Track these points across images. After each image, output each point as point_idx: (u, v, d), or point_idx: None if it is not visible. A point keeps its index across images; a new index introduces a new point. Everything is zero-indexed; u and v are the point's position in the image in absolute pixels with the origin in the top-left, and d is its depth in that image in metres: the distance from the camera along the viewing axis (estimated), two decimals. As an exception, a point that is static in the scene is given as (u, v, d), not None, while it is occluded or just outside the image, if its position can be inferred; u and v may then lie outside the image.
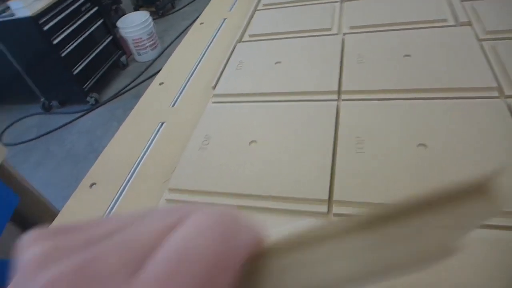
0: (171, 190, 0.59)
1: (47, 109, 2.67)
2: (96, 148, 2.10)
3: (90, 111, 2.56)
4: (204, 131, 0.67)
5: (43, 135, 2.40)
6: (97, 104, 2.60)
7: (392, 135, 0.57)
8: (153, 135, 0.76)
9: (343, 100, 0.66)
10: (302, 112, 0.65)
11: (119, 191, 0.66)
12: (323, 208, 0.51)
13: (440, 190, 0.14)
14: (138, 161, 0.71)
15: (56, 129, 2.41)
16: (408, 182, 0.50)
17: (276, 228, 0.18)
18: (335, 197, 0.51)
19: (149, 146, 0.74)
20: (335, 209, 0.50)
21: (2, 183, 0.95)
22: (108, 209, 0.63)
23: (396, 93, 0.64)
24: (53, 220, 0.63)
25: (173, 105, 0.83)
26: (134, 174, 0.69)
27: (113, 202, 0.65)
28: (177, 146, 0.70)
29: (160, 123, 0.78)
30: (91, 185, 0.69)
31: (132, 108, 0.85)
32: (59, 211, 0.65)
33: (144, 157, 0.72)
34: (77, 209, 0.65)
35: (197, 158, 0.62)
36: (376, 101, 0.63)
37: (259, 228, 0.15)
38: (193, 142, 0.65)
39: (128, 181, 0.68)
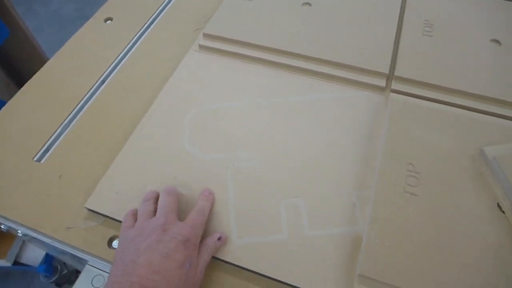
0: (206, 35, 0.52)
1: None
2: (87, 14, 1.89)
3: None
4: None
5: (25, -10, 2.13)
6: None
7: (463, 25, 0.51)
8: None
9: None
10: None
11: (140, 31, 0.58)
12: (382, 82, 0.46)
13: None
14: (165, 2, 0.62)
15: (40, -13, 2.13)
16: (473, 73, 0.45)
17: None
18: (397, 72, 0.46)
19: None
20: (394, 85, 0.46)
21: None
22: (125, 50, 0.55)
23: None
24: (42, 65, 0.53)
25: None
26: (160, 16, 0.60)
27: (131, 43, 0.56)
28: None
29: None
30: (106, 20, 0.60)
31: None
32: (48, 59, 0.55)
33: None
34: (87, 43, 0.56)
35: (239, 7, 0.54)
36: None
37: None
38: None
39: (152, 22, 0.59)
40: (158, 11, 0.61)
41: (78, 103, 0.49)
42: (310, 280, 0.33)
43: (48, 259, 1.02)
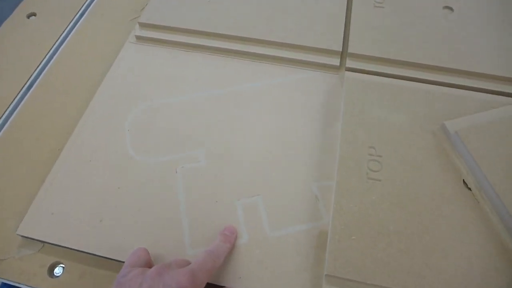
0: (142, 25, 0.47)
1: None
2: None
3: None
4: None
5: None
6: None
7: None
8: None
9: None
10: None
11: (70, 26, 0.52)
12: (335, 61, 0.43)
13: None
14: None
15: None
16: (428, 44, 0.43)
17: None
18: (350, 49, 0.43)
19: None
20: (349, 62, 0.43)
21: None
22: (53, 48, 0.49)
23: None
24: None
25: None
26: (91, 6, 0.54)
27: (60, 39, 0.50)
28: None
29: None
30: (28, 16, 0.53)
31: None
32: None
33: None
34: (8, 44, 0.49)
35: (177, -9, 0.49)
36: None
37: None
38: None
39: (83, 14, 0.53)
40: (88, 1, 0.54)
41: (0, 117, 0.43)
42: (275, 287, 0.30)
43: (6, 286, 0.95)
